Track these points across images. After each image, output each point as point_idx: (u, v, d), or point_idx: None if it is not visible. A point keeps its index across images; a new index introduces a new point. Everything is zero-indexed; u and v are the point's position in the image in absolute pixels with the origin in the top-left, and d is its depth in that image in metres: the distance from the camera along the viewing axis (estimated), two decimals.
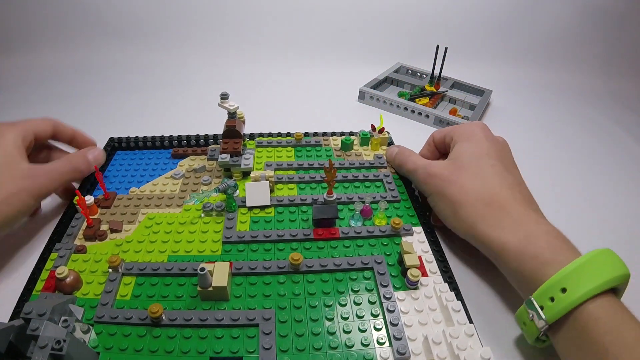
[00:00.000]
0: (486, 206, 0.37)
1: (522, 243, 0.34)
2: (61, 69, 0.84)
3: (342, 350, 0.32)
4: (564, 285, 0.29)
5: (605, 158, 0.65)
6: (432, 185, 0.42)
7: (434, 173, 0.42)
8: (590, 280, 0.29)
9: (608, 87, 0.90)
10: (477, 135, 0.43)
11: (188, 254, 0.40)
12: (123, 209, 0.45)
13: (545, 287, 0.30)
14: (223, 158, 0.48)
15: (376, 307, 0.36)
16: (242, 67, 0.88)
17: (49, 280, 0.37)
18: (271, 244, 0.41)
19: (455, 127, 0.46)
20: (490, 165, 0.40)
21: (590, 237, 0.48)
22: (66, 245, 0.40)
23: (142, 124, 0.64)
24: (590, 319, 0.28)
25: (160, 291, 0.36)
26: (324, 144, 0.57)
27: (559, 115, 0.77)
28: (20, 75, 0.81)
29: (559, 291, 0.29)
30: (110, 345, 0.32)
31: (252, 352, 0.32)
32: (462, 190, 0.39)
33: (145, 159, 0.54)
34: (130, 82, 0.80)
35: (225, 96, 0.48)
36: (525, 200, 0.38)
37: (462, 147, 0.42)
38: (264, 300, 0.36)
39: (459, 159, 0.42)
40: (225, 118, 0.50)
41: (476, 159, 0.40)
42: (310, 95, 0.78)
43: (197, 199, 0.43)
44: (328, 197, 0.44)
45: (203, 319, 0.33)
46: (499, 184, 0.38)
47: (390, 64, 0.85)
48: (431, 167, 0.43)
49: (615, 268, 0.30)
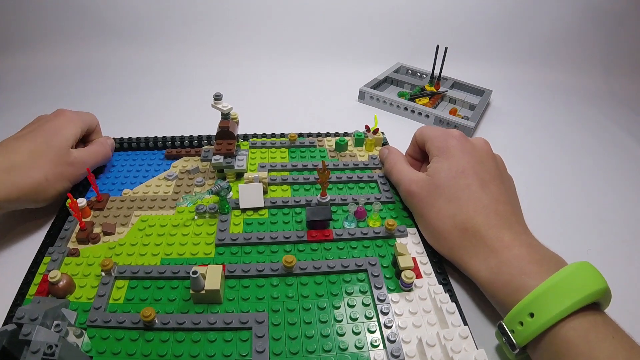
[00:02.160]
0: (462, 233, 0.38)
1: (493, 272, 0.35)
2: (54, 69, 0.84)
3: (335, 353, 0.32)
4: (531, 310, 0.30)
5: (605, 158, 0.64)
6: (412, 203, 0.43)
7: (412, 192, 0.43)
8: (560, 302, 0.29)
9: (608, 87, 0.90)
10: (451, 149, 0.42)
11: (181, 256, 0.40)
12: (116, 211, 0.45)
13: (513, 313, 0.31)
14: (216, 159, 0.48)
15: (370, 309, 0.36)
16: (240, 68, 0.87)
17: (42, 284, 0.36)
18: (264, 246, 0.41)
19: (432, 136, 0.45)
20: (466, 186, 0.39)
21: (590, 237, 0.48)
22: (59, 249, 0.40)
23: (136, 124, 0.64)
24: (562, 341, 0.28)
25: (153, 294, 0.36)
26: (319, 144, 0.57)
27: (559, 115, 0.77)
28: (18, 75, 0.81)
29: (527, 316, 0.30)
30: (103, 350, 0.32)
31: (245, 355, 0.32)
32: (438, 215, 0.40)
33: (138, 160, 0.54)
34: (124, 83, 0.80)
35: (219, 97, 0.48)
36: (500, 220, 0.37)
37: (437, 164, 0.42)
38: (257, 303, 0.36)
39: (435, 176, 0.41)
40: (219, 119, 0.50)
41: (451, 179, 0.40)
42: (310, 95, 0.78)
43: (190, 201, 0.42)
44: (322, 199, 0.44)
45: (196, 322, 0.33)
46: (473, 208, 0.38)
47: (390, 64, 0.85)
48: (411, 183, 0.43)
49: (589, 285, 0.29)
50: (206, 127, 0.58)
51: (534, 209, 0.43)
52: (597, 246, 0.46)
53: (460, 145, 0.42)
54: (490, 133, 0.68)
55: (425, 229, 0.42)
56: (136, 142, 0.56)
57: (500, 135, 0.67)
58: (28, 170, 0.41)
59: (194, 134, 0.57)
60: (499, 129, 0.70)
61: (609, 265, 0.32)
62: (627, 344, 0.28)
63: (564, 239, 0.45)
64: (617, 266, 0.44)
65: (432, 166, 0.42)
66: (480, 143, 0.44)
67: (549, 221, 0.49)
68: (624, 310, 0.32)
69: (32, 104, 0.71)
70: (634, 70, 0.92)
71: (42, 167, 0.42)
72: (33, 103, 0.72)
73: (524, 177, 0.40)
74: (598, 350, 0.27)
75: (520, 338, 0.30)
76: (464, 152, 0.42)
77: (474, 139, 0.44)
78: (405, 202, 0.46)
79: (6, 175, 0.39)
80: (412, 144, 0.50)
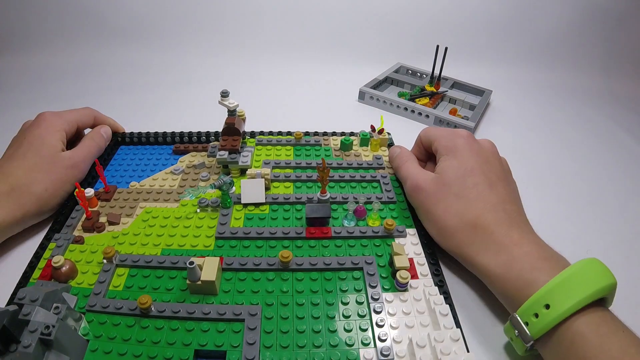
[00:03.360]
0: (471, 230, 0.38)
1: (504, 267, 0.34)
2: (62, 68, 0.85)
3: (325, 349, 0.32)
4: (547, 301, 0.30)
5: (605, 158, 0.64)
6: (418, 199, 0.43)
7: (420, 186, 0.42)
8: (574, 294, 0.29)
9: (608, 87, 0.88)
10: (460, 149, 0.42)
11: (181, 248, 0.41)
12: (122, 202, 0.46)
13: (529, 304, 0.31)
14: (221, 155, 0.49)
15: (364, 307, 0.36)
16: (244, 66, 0.88)
17: (45, 269, 0.38)
18: (263, 241, 0.42)
19: (439, 136, 0.45)
20: (474, 185, 0.39)
21: (590, 238, 0.48)
22: (65, 236, 0.41)
23: (146, 120, 0.66)
24: (576, 334, 0.28)
25: (151, 283, 0.37)
26: (324, 143, 0.57)
27: (559, 115, 0.76)
28: (20, 75, 0.82)
29: (543, 307, 0.30)
30: (100, 334, 0.33)
31: (236, 346, 0.32)
32: (446, 212, 0.39)
33: (147, 154, 0.55)
34: (135, 80, 0.82)
35: (226, 94, 0.49)
36: (508, 219, 0.37)
37: (446, 163, 0.42)
38: (251, 296, 0.36)
39: (443, 174, 0.41)
40: (226, 116, 0.50)
41: (460, 177, 0.40)
42: (310, 94, 0.79)
43: (193, 194, 0.43)
44: (321, 197, 0.45)
45: (190, 311, 0.34)
46: (482, 207, 0.38)
47: (390, 64, 0.85)
48: (419, 179, 0.43)
49: (599, 279, 0.30)
50: (214, 124, 0.59)
51: (533, 209, 0.43)
52: (597, 246, 0.46)
53: (469, 145, 0.42)
54: (490, 133, 0.68)
55: (433, 226, 0.41)
56: (146, 136, 0.57)
57: (500, 135, 0.67)
58: (28, 187, 0.42)
59: (202, 130, 0.58)
60: (498, 129, 0.70)
61: (608, 265, 0.32)
62: (636, 339, 0.28)
63: (564, 238, 0.44)
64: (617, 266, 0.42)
65: (440, 165, 0.42)
66: (487, 144, 0.44)
67: (548, 221, 0.48)
68: (624, 310, 0.31)
69: (32, 104, 0.71)
70: (634, 70, 0.91)
71: (40, 181, 0.43)
72: (33, 103, 0.72)
73: (523, 177, 0.40)
74: (610, 343, 0.27)
75: (535, 330, 0.30)
76: (472, 151, 0.42)
77: (481, 140, 0.45)
78: (410, 199, 0.45)
79: (7, 198, 0.40)
80: (417, 144, 0.50)
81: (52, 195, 0.44)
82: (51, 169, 0.44)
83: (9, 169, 0.43)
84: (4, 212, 0.39)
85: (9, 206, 0.40)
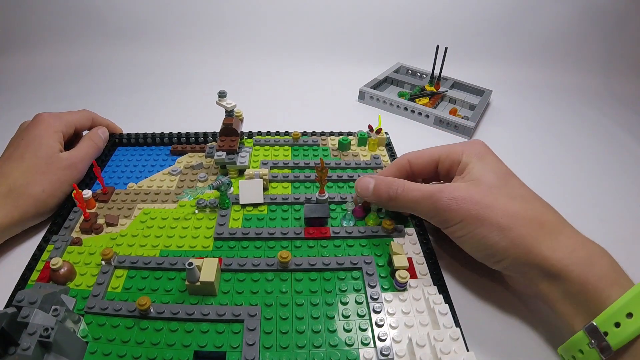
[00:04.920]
0: (540, 228, 0.34)
1: (586, 264, 0.31)
2: (62, 68, 0.85)
3: (325, 349, 0.32)
4: (630, 310, 0.28)
5: (605, 158, 0.64)
6: (462, 210, 0.36)
7: (462, 197, 0.36)
8: None
9: (608, 87, 0.88)
10: (489, 154, 0.40)
11: (180, 249, 0.41)
12: (120, 203, 0.46)
13: (610, 312, 0.29)
14: (219, 155, 0.49)
15: (363, 307, 0.36)
16: (243, 67, 0.88)
17: (44, 271, 0.38)
18: (262, 242, 0.42)
19: (456, 146, 0.41)
20: (520, 185, 0.38)
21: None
22: (63, 237, 0.41)
23: (144, 121, 0.65)
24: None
25: (150, 284, 0.37)
26: (322, 143, 0.57)
27: (559, 115, 0.76)
28: (20, 75, 0.82)
29: (624, 316, 0.28)
30: (99, 336, 0.33)
31: (235, 347, 0.32)
32: (506, 213, 0.35)
33: (145, 155, 0.55)
34: (132, 80, 0.81)
35: (223, 94, 0.48)
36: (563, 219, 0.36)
37: (479, 167, 0.38)
38: (250, 297, 0.36)
39: (480, 180, 0.37)
40: (224, 116, 0.50)
41: (503, 179, 0.38)
42: (310, 95, 0.78)
43: (191, 195, 0.43)
44: (320, 197, 0.45)
45: (190, 313, 0.34)
46: (540, 204, 0.36)
47: (390, 64, 0.85)
48: (452, 191, 0.36)
49: None
50: (212, 124, 0.58)
51: None
52: None
53: (489, 150, 0.41)
54: (490, 133, 0.68)
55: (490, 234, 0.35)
56: (143, 137, 0.57)
57: (500, 135, 0.67)
58: (25, 188, 0.42)
59: (199, 130, 0.58)
60: (498, 129, 0.70)
61: None
62: None
63: None
64: None
65: (473, 170, 0.38)
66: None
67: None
68: None
69: (32, 104, 0.71)
70: (634, 70, 0.91)
71: (38, 182, 0.43)
72: (33, 103, 0.72)
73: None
74: None
75: (616, 340, 0.28)
76: (495, 155, 0.40)
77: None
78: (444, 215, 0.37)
79: (5, 199, 0.40)
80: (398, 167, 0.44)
81: (50, 196, 0.43)
82: (49, 170, 0.44)
83: (6, 170, 0.43)
84: (1, 213, 0.39)
85: (6, 208, 0.40)
